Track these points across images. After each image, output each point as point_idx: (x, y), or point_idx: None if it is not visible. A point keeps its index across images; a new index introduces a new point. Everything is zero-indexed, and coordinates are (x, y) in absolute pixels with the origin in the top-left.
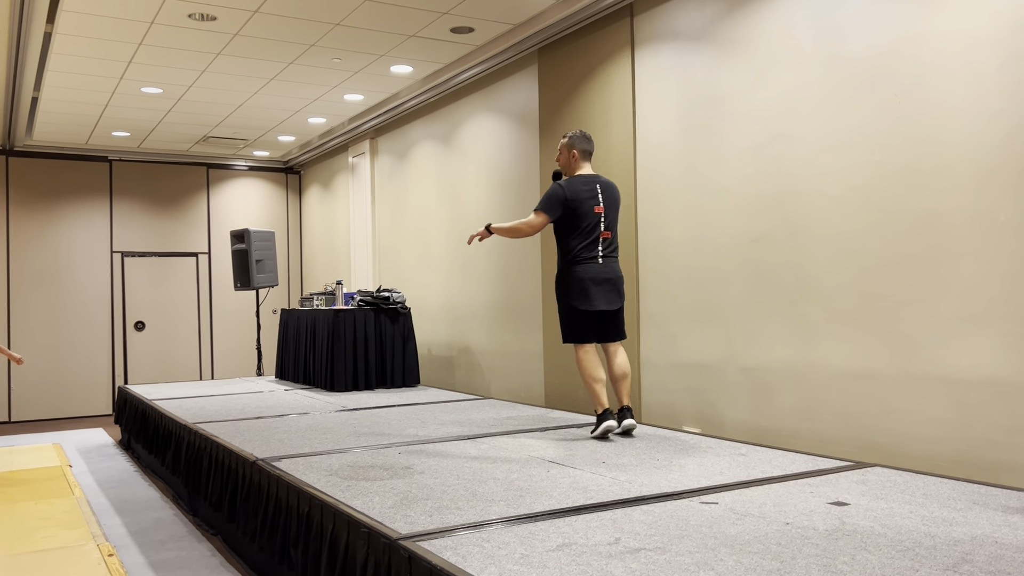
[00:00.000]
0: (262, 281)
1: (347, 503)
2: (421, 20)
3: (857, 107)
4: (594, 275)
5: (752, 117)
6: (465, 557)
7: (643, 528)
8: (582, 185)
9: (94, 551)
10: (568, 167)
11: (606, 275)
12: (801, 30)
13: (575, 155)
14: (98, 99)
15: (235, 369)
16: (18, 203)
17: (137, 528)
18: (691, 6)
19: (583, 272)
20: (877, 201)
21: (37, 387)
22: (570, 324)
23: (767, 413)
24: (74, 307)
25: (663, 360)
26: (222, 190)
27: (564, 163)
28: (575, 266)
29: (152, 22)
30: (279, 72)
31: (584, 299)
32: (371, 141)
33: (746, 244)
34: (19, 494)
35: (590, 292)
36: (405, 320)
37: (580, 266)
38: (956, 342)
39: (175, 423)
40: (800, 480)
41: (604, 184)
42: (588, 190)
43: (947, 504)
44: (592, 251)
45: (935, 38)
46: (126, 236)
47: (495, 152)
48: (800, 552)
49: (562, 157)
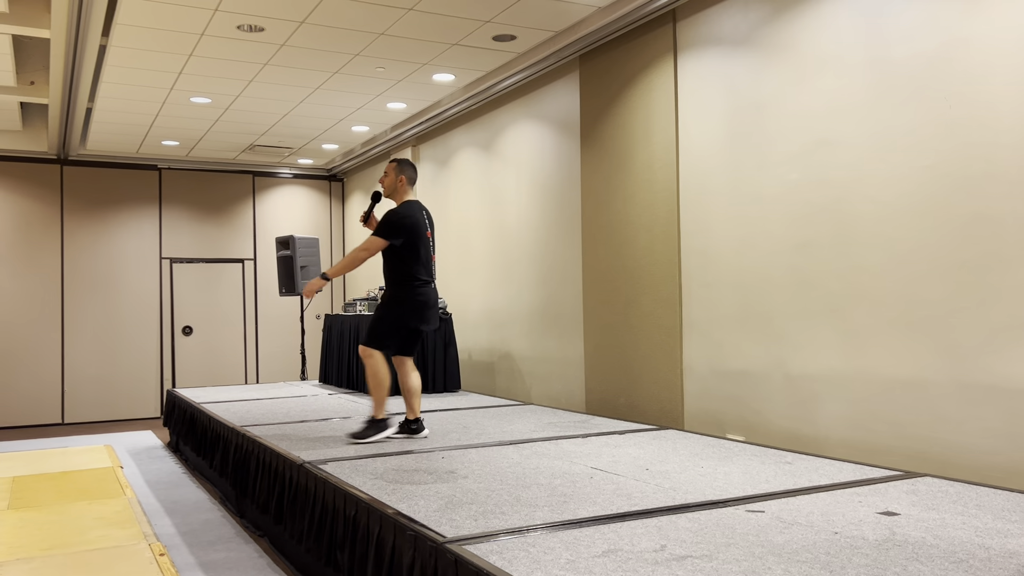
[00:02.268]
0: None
1: (393, 506)
2: (464, 29)
3: (905, 112)
4: (431, 299)
5: (797, 123)
6: (511, 561)
7: (689, 536)
8: (418, 211)
9: (146, 550)
10: (395, 192)
11: (436, 298)
12: (847, 34)
13: (403, 180)
14: (149, 109)
15: (279, 373)
16: (72, 211)
17: (186, 529)
18: (735, 11)
19: (425, 296)
20: (927, 207)
21: (89, 390)
22: (389, 332)
23: (813, 421)
24: (124, 312)
25: (707, 367)
26: (268, 197)
27: (390, 186)
28: (419, 289)
29: (202, 34)
30: (324, 82)
31: (420, 319)
32: (413, 149)
33: (792, 250)
34: (73, 494)
35: (427, 314)
36: (446, 326)
37: (423, 289)
38: (1009, 350)
39: (223, 426)
40: (848, 489)
41: (427, 211)
42: (421, 216)
43: (1001, 515)
44: (428, 275)
45: (984, 41)
46: (175, 243)
47: (536, 159)
48: (850, 562)
49: (389, 180)
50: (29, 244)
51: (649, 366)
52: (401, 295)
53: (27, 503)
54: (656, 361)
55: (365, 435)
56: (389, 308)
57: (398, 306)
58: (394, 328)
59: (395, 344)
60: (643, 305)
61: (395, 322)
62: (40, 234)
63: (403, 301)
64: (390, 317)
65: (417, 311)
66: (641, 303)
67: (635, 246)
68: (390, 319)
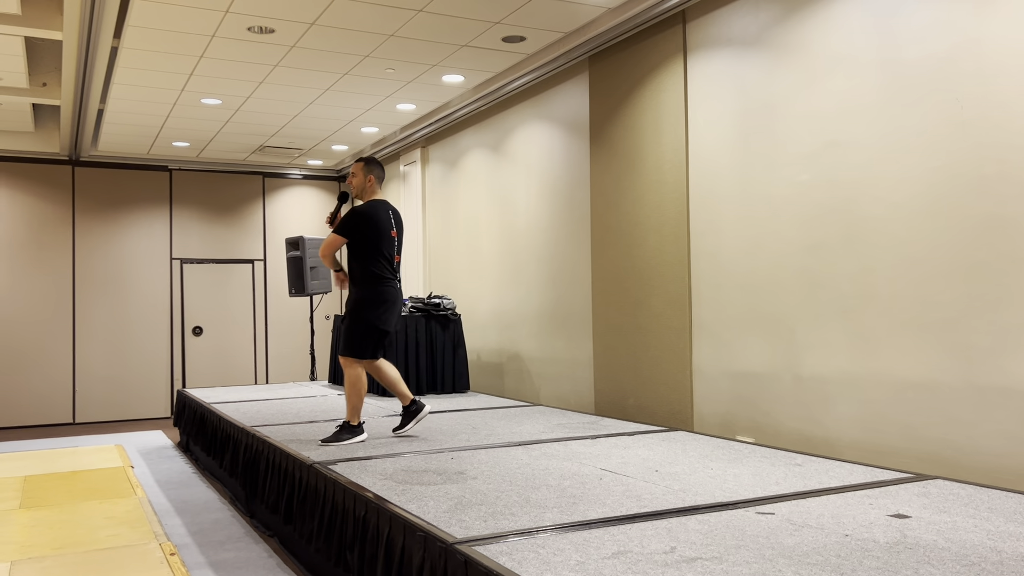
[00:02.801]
0: (316, 287)
1: (403, 507)
2: (473, 30)
3: (916, 113)
4: (395, 297)
5: (808, 124)
6: (521, 563)
7: (699, 537)
8: (382, 211)
9: (156, 550)
10: (364, 191)
11: (398, 298)
12: (857, 35)
13: (371, 180)
14: (160, 110)
15: (289, 374)
16: (83, 211)
17: (197, 528)
18: (745, 11)
19: (387, 295)
20: (939, 208)
21: (100, 390)
22: (364, 340)
23: (824, 423)
24: (135, 312)
25: (716, 369)
26: (277, 198)
27: (359, 186)
28: (380, 287)
29: (213, 35)
30: (334, 83)
31: (386, 319)
32: (422, 150)
33: (802, 251)
34: (84, 493)
35: (391, 313)
36: (455, 326)
37: (384, 288)
38: (1022, 352)
39: (233, 426)
40: (859, 491)
41: (394, 211)
42: (386, 216)
43: (1013, 519)
44: (391, 273)
45: (996, 41)
46: (185, 243)
47: (546, 160)
48: (860, 565)
49: (358, 180)
50: (41, 245)
51: (658, 367)
52: (362, 295)
53: (38, 502)
54: (665, 362)
55: (337, 438)
56: (356, 314)
57: (363, 309)
58: (366, 334)
59: (370, 349)
60: (652, 306)
61: (365, 329)
62: (52, 235)
63: (365, 302)
64: (360, 324)
65: (382, 312)
66: (650, 304)
67: (644, 247)
68: (361, 327)
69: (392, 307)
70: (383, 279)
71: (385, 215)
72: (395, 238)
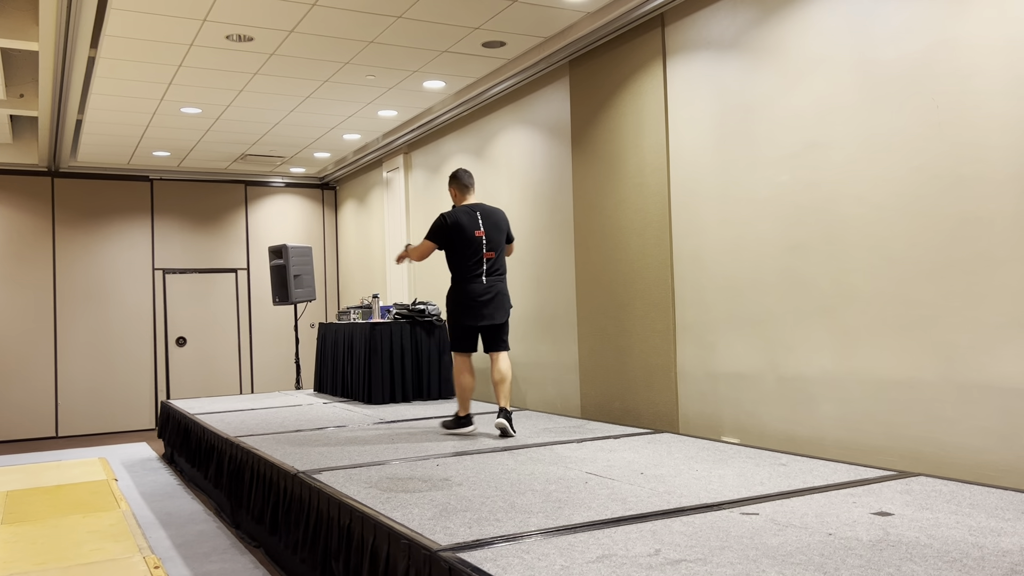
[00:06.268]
0: (300, 296)
1: (387, 515)
2: (453, 36)
3: (894, 113)
4: (479, 293)
5: (787, 125)
6: (505, 569)
7: (683, 539)
8: (463, 213)
9: (140, 564)
10: (455, 200)
11: (490, 293)
12: (835, 36)
13: (453, 191)
14: (139, 120)
15: (274, 383)
16: (63, 223)
17: (181, 541)
18: (723, 14)
19: (467, 292)
20: (917, 207)
21: (82, 402)
22: (453, 335)
23: (807, 423)
24: (117, 323)
25: (700, 370)
26: (260, 207)
27: (452, 197)
28: (460, 285)
29: (191, 44)
30: (315, 90)
31: (469, 314)
32: (405, 156)
33: (783, 252)
34: (67, 507)
35: (474, 308)
36: (440, 332)
37: (465, 286)
38: (1001, 349)
39: (217, 437)
40: (842, 490)
41: (485, 212)
42: (468, 218)
43: (995, 514)
44: (471, 272)
45: (972, 41)
46: (167, 253)
47: (528, 164)
48: (844, 563)
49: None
50: (20, 257)
51: (643, 370)
52: (448, 294)
53: (21, 517)
54: (650, 365)
55: (448, 427)
56: (447, 311)
57: (448, 307)
58: (454, 330)
59: (462, 343)
60: (636, 309)
61: (453, 325)
62: (31, 247)
63: (449, 301)
64: (449, 320)
65: (465, 308)
66: (634, 307)
67: (627, 250)
68: (450, 323)
69: (472, 303)
70: (464, 278)
71: (466, 217)
72: (480, 237)
